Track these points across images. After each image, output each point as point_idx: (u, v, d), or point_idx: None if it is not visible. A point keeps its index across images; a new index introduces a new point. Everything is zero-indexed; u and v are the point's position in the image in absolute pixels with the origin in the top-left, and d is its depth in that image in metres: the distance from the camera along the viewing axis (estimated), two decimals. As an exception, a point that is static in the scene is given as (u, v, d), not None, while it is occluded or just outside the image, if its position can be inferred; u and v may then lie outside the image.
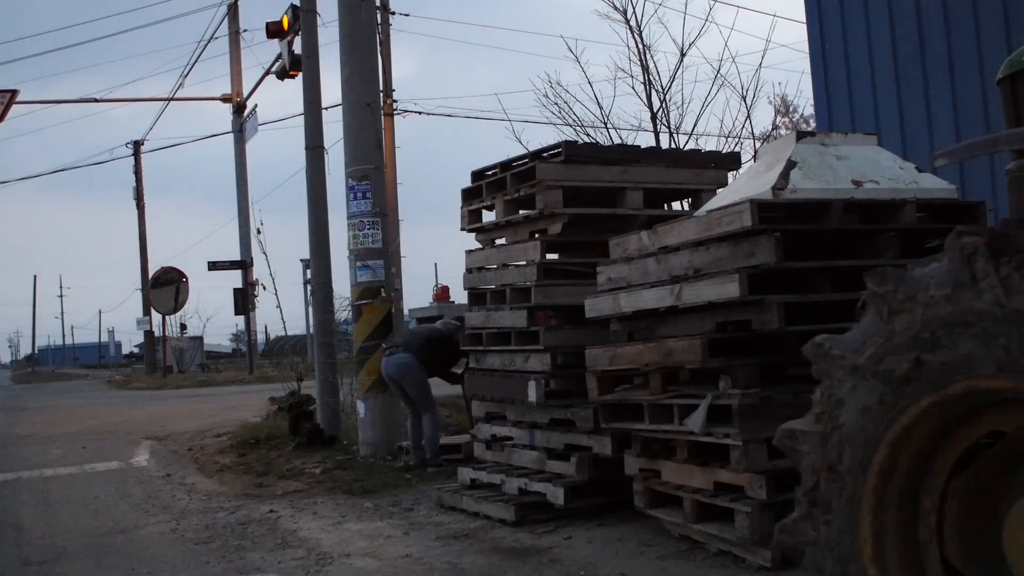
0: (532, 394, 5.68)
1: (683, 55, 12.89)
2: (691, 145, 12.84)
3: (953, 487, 2.35)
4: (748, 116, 13.43)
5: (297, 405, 9.47)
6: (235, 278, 28.36)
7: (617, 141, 12.91)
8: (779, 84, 39.54)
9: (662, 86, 13.01)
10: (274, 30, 11.16)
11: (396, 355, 7.79)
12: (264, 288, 20.13)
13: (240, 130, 27.54)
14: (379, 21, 15.03)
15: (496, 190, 6.32)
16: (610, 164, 6.05)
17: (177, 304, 29.72)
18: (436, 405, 7.91)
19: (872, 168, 4.68)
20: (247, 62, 29.15)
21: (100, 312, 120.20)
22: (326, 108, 11.01)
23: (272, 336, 44.28)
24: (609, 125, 13.20)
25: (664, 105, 12.96)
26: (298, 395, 11.49)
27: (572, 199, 5.79)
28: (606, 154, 6.42)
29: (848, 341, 2.39)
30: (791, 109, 16.33)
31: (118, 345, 75.34)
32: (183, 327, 37.30)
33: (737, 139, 13.50)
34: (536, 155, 6.09)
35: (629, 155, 6.38)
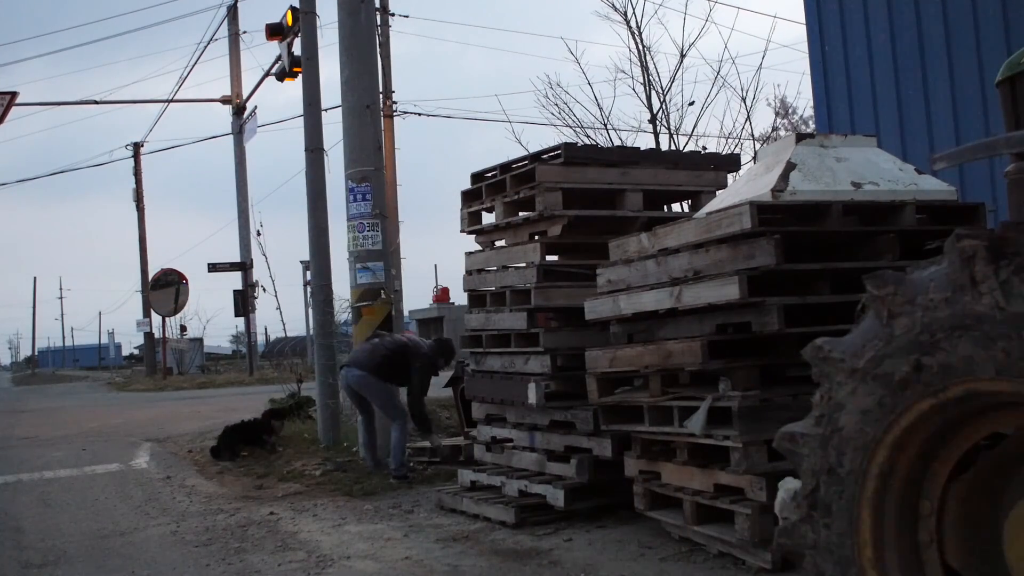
0: (532, 396, 5.68)
1: (683, 56, 12.92)
2: (691, 146, 12.86)
3: (953, 489, 2.35)
4: (748, 117, 13.44)
5: (245, 427, 9.51)
6: (235, 280, 28.40)
7: (617, 142, 12.92)
8: (779, 85, 39.54)
9: (662, 87, 13.03)
10: (273, 32, 11.18)
11: (352, 371, 7.75)
12: (264, 290, 20.19)
13: (240, 131, 27.53)
14: (378, 23, 15.03)
15: (496, 192, 6.32)
16: (610, 166, 6.05)
17: (177, 306, 29.73)
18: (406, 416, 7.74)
19: (871, 170, 4.68)
20: (247, 64, 29.32)
21: (100, 314, 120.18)
22: (326, 110, 11.03)
23: (272, 338, 44.26)
24: (609, 126, 13.22)
25: (664, 106, 12.98)
26: (298, 396, 11.54)
27: (572, 201, 5.79)
28: (606, 156, 6.42)
29: (848, 344, 2.39)
30: (790, 111, 16.33)
31: (118, 347, 75.18)
32: (183, 329, 37.33)
33: (737, 140, 13.52)
34: (536, 157, 6.09)
35: (629, 157, 6.38)
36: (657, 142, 12.84)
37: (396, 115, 19.09)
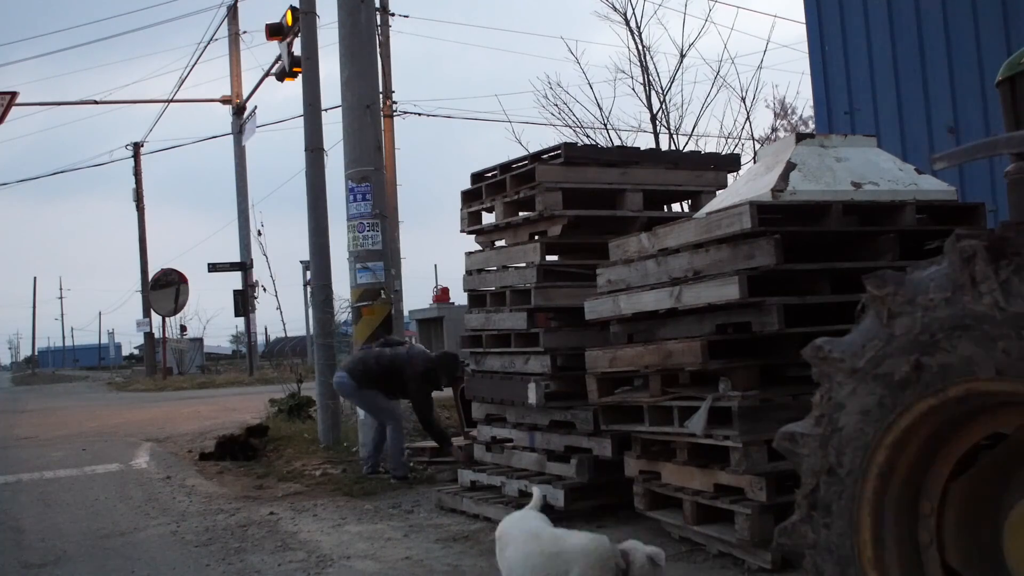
0: (532, 396, 5.68)
1: (683, 56, 12.91)
2: (691, 146, 12.85)
3: (953, 490, 2.35)
4: (748, 117, 13.44)
5: (231, 440, 9.66)
6: (235, 280, 28.41)
7: (617, 142, 12.91)
8: (778, 86, 39.54)
9: (662, 87, 13.03)
10: (273, 32, 11.19)
11: (336, 376, 7.84)
12: (264, 290, 20.20)
13: (239, 131, 27.51)
14: (378, 23, 15.03)
15: (496, 192, 6.32)
16: (610, 166, 6.05)
17: (177, 306, 29.74)
18: (401, 417, 7.85)
19: (871, 170, 4.68)
20: (247, 64, 29.30)
21: (100, 314, 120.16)
22: (326, 110, 11.04)
23: (272, 338, 44.19)
24: (609, 126, 13.21)
25: (664, 106, 12.98)
26: (298, 397, 11.54)
27: (572, 201, 5.79)
28: (606, 156, 6.42)
29: (848, 344, 2.39)
30: (790, 111, 16.31)
31: (118, 347, 75.37)
32: (183, 329, 37.38)
33: (737, 140, 13.51)
34: (536, 157, 6.09)
35: (629, 157, 6.39)
36: (657, 142, 12.83)
37: (396, 115, 19.09)
